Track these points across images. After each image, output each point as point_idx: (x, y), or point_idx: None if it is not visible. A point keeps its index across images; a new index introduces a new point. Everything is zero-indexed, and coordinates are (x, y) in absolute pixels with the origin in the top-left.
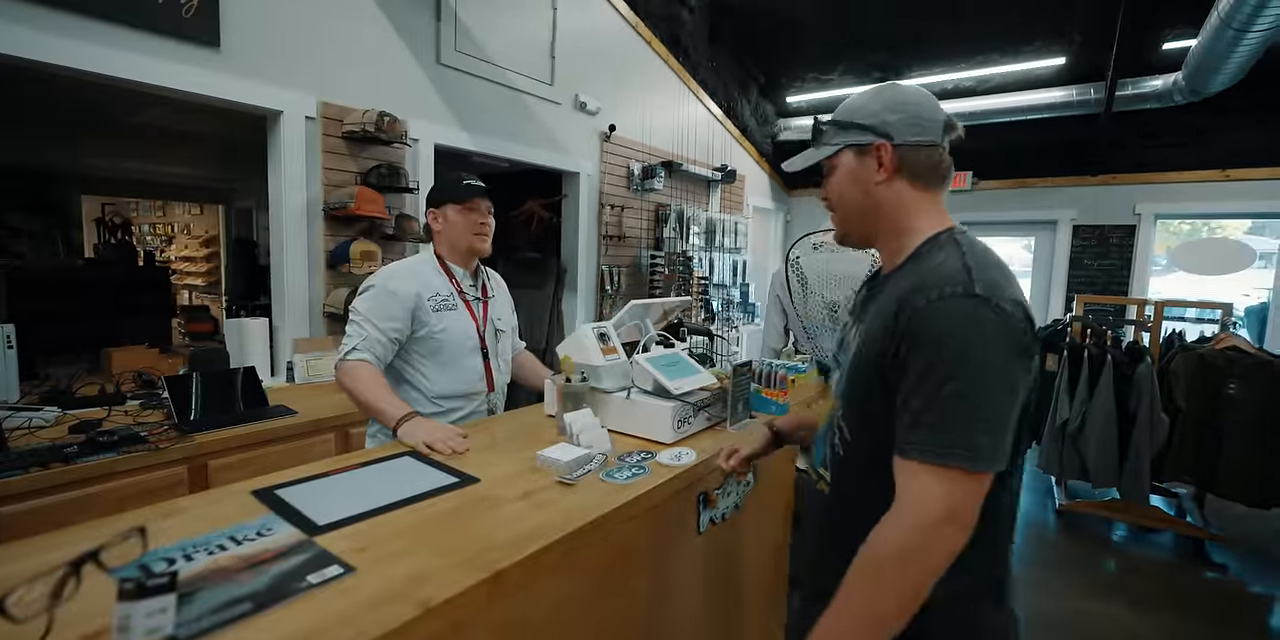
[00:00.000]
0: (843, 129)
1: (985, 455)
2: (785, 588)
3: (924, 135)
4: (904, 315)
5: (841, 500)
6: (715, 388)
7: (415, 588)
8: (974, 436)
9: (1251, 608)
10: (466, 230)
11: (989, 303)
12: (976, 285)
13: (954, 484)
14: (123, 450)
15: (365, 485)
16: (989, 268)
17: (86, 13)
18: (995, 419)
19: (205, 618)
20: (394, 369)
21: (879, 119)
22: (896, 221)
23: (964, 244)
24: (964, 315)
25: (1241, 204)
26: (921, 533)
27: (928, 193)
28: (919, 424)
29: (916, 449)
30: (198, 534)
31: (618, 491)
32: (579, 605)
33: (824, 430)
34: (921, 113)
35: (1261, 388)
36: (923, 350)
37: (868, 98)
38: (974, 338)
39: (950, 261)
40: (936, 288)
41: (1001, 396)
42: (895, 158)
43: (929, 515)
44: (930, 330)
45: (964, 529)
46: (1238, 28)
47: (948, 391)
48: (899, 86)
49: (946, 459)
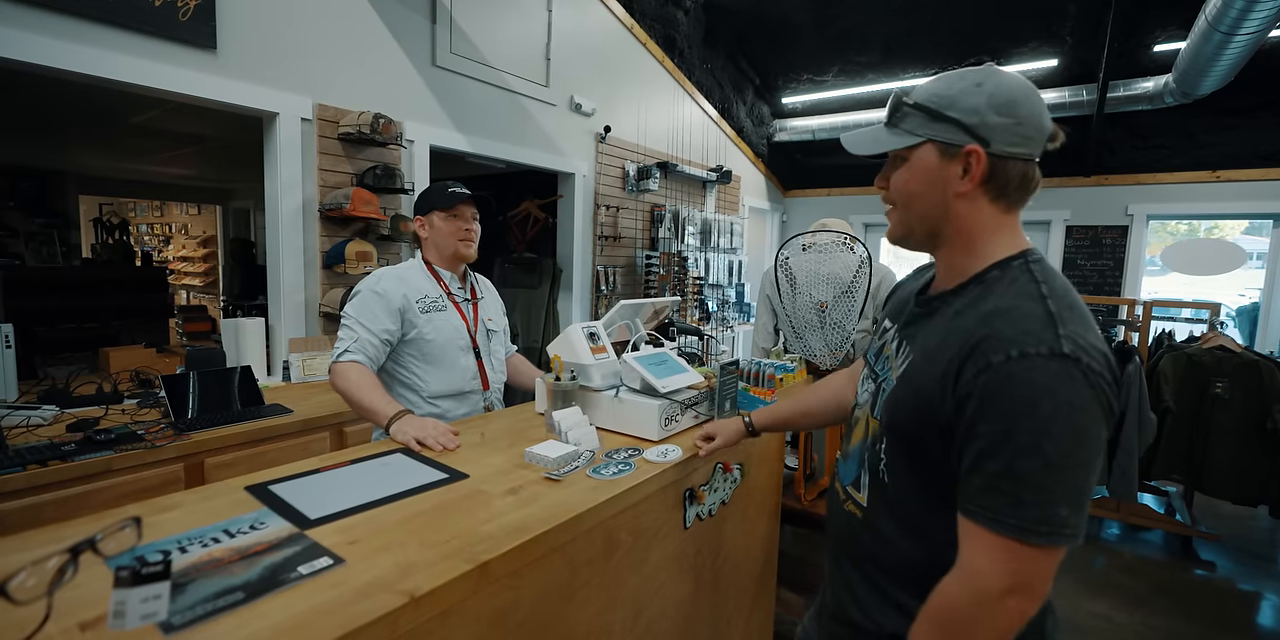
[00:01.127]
0: (933, 119)
1: (1066, 530)
2: (774, 584)
3: (1024, 147)
4: (972, 368)
5: (875, 531)
6: (702, 386)
7: (403, 578)
8: (1055, 510)
9: (1239, 605)
10: (452, 236)
11: (1079, 364)
12: (1064, 343)
13: (1024, 558)
14: (119, 448)
15: (357, 481)
16: (1071, 313)
17: (83, 16)
18: (1078, 490)
19: (199, 606)
20: (388, 372)
21: (980, 119)
22: (967, 239)
23: (1039, 276)
24: (1049, 380)
25: (1232, 205)
26: (983, 604)
27: (1009, 213)
28: (993, 489)
29: (986, 517)
30: (193, 527)
31: (603, 487)
32: (565, 596)
33: (857, 450)
34: (1030, 120)
35: (1247, 387)
36: (1001, 415)
37: (968, 87)
38: (1061, 405)
39: (1028, 306)
40: (1017, 343)
41: (1085, 466)
42: (986, 168)
43: (993, 588)
44: (1008, 394)
45: (1036, 599)
46: (1225, 31)
47: (1028, 462)
48: (1006, 79)
49: (1024, 535)
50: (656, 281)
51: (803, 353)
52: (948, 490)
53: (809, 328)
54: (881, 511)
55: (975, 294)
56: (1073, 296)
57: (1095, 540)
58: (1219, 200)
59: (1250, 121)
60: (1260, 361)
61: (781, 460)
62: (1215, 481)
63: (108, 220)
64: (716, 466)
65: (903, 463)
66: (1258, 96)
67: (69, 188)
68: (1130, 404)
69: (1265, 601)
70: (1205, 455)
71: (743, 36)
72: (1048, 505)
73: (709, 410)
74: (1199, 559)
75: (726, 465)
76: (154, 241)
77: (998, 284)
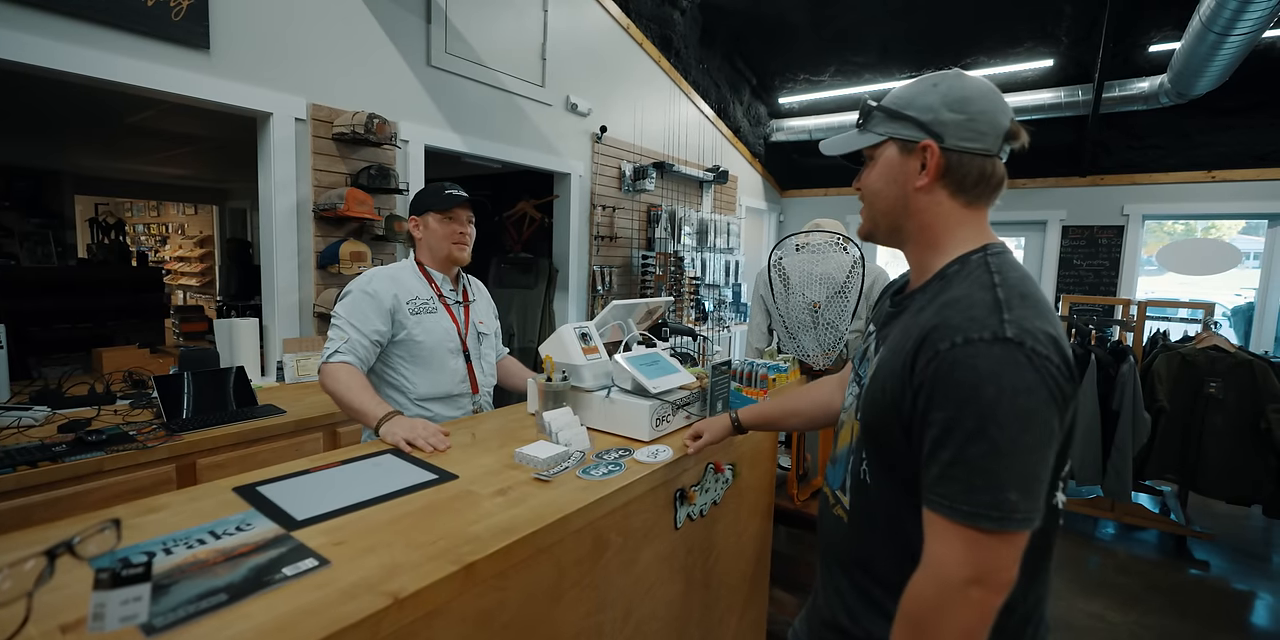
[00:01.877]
0: (892, 118)
1: (1016, 515)
2: (767, 584)
3: (978, 142)
4: (923, 358)
5: (860, 535)
6: (694, 387)
7: (388, 579)
8: (1004, 495)
9: (1233, 604)
10: (446, 239)
11: (1021, 347)
12: (1007, 328)
13: (981, 546)
14: (110, 449)
15: (346, 482)
16: (1021, 301)
17: (75, 16)
18: (1028, 475)
19: (181, 608)
20: (376, 373)
21: (934, 115)
22: (929, 233)
23: (995, 268)
24: (993, 364)
25: (1228, 205)
26: (946, 595)
27: (970, 208)
28: (946, 477)
29: (943, 505)
30: (179, 528)
31: (593, 488)
32: (553, 597)
33: (843, 454)
34: (983, 115)
35: (1241, 387)
36: (947, 402)
37: (926, 87)
38: (1005, 389)
39: (978, 294)
40: (961, 330)
41: (1034, 450)
42: (940, 163)
43: (954, 578)
44: (954, 381)
45: (997, 589)
46: (1219, 31)
47: (976, 448)
48: (964, 79)
49: (975, 520)
50: (653, 282)
51: (796, 353)
52: (920, 491)
53: (802, 328)
54: (865, 515)
55: (936, 289)
56: (1027, 286)
57: (1090, 539)
58: (1214, 200)
59: (1245, 122)
60: (1254, 361)
61: (774, 460)
62: (1209, 481)
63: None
64: (708, 467)
65: (880, 465)
66: (1253, 97)
67: (65, 188)
68: (1125, 404)
69: (1259, 600)
70: (1199, 455)
71: (739, 36)
72: (997, 490)
73: (701, 411)
74: (1193, 558)
75: (718, 465)
76: (151, 241)
77: (956, 278)
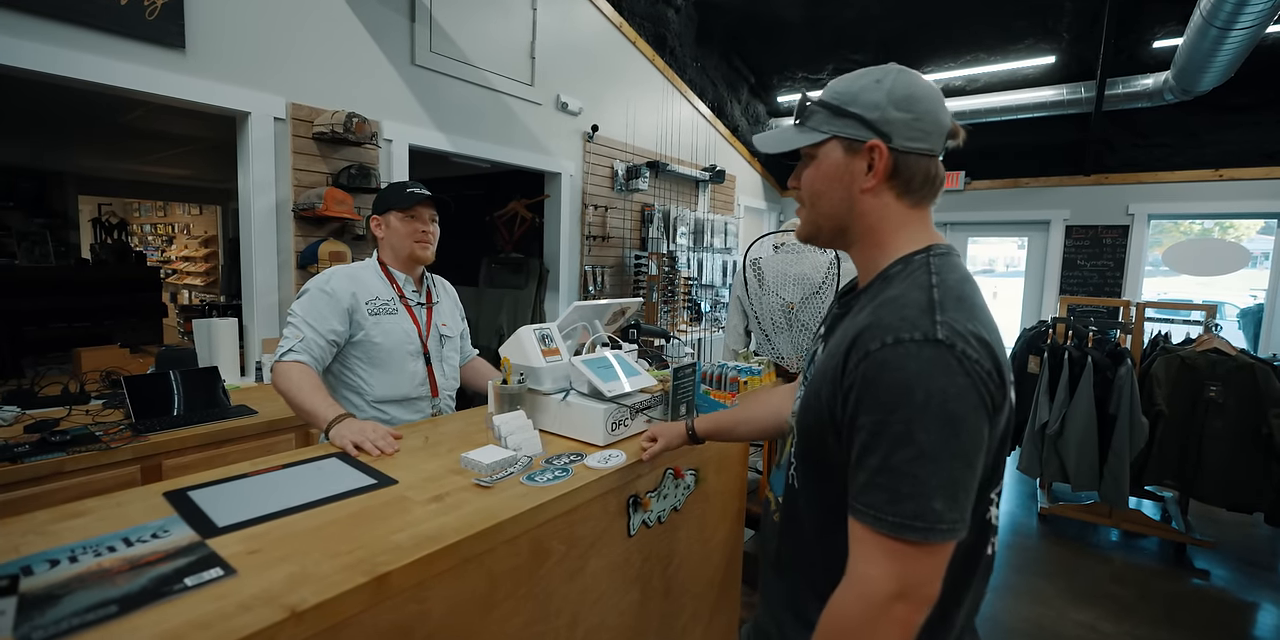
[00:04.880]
0: (835, 115)
1: (941, 525)
2: (738, 589)
3: (924, 142)
4: (854, 359)
5: (790, 539)
6: (656, 390)
7: (290, 591)
8: (929, 503)
9: (1232, 614)
10: (408, 237)
11: (952, 350)
12: (939, 329)
13: (907, 559)
14: (72, 450)
15: (282, 487)
16: (957, 302)
17: (46, 15)
18: (954, 483)
19: (65, 621)
20: (333, 373)
21: (880, 114)
22: (875, 235)
23: (936, 269)
24: (922, 366)
25: (1236, 204)
26: (871, 612)
27: (915, 209)
28: (873, 484)
29: (868, 515)
30: (95, 535)
31: (533, 494)
32: (485, 608)
33: (786, 459)
34: (928, 115)
35: (1242, 391)
36: (876, 406)
37: (868, 83)
38: (934, 393)
39: (913, 294)
40: (892, 330)
41: (961, 457)
42: (889, 163)
43: (879, 593)
44: (883, 382)
45: (921, 604)
46: (1220, 26)
47: (904, 454)
48: (908, 76)
49: (901, 532)
50: (646, 282)
51: (771, 355)
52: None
53: (777, 329)
54: (794, 522)
55: (878, 289)
56: (965, 289)
57: (1087, 547)
58: (1222, 199)
59: (1254, 119)
60: (1255, 365)
61: (745, 465)
62: (1208, 487)
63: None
64: (666, 472)
65: (812, 471)
66: (1261, 93)
67: (69, 188)
68: (1122, 408)
69: (1261, 612)
70: (1198, 461)
71: (737, 35)
72: (922, 498)
73: (664, 414)
74: (1193, 567)
75: (678, 471)
76: (157, 241)
77: (897, 278)
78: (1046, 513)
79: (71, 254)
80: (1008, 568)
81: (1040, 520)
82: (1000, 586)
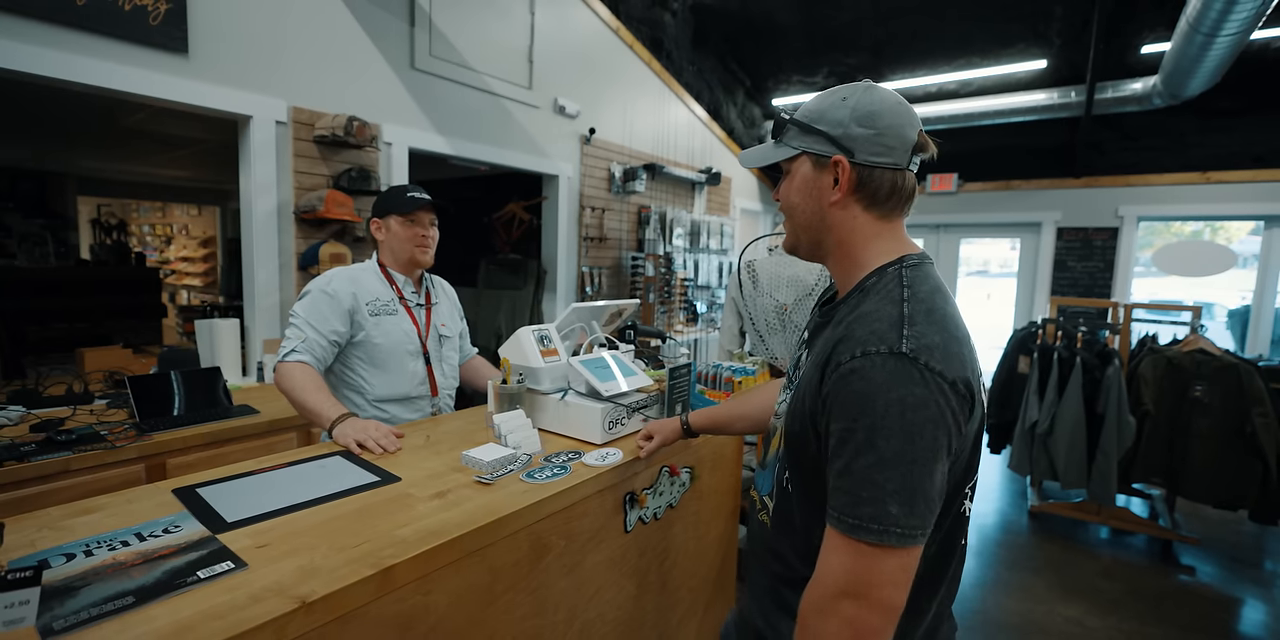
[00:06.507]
0: (805, 132)
1: (896, 529)
2: (733, 584)
3: (887, 156)
4: (829, 370)
5: (779, 538)
6: (653, 389)
7: (300, 583)
8: (885, 507)
9: (1216, 609)
10: (408, 241)
11: (915, 362)
12: (905, 342)
13: (861, 558)
14: (79, 449)
15: (287, 484)
16: (926, 316)
17: (51, 20)
18: (911, 489)
19: (84, 611)
20: (335, 373)
21: (843, 130)
22: (847, 247)
23: (908, 281)
24: (886, 377)
25: (1224, 206)
26: (818, 603)
27: (885, 221)
28: (839, 488)
29: (833, 517)
30: (108, 530)
31: (533, 490)
32: (485, 601)
33: (773, 460)
34: (891, 131)
35: (1226, 390)
36: (843, 414)
37: (836, 101)
38: (893, 402)
39: (885, 309)
40: (862, 343)
41: (919, 464)
42: (852, 178)
43: (829, 587)
44: (850, 392)
45: (875, 608)
46: (1206, 32)
47: (864, 459)
48: (874, 92)
49: (857, 533)
50: (642, 283)
51: (765, 356)
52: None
53: (770, 330)
54: (784, 521)
55: (856, 301)
56: (936, 301)
57: (1076, 543)
58: (1210, 202)
59: (1240, 123)
60: (1239, 365)
61: (739, 462)
62: (1194, 485)
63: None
64: (662, 470)
65: (801, 474)
66: (1247, 98)
67: (69, 189)
68: (1109, 407)
69: (1242, 607)
70: (1184, 458)
71: (732, 38)
72: (879, 502)
73: (659, 414)
74: (1179, 563)
75: (673, 468)
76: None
77: (872, 291)
78: (1036, 510)
79: (71, 255)
80: (998, 564)
81: (1030, 517)
82: (991, 582)
